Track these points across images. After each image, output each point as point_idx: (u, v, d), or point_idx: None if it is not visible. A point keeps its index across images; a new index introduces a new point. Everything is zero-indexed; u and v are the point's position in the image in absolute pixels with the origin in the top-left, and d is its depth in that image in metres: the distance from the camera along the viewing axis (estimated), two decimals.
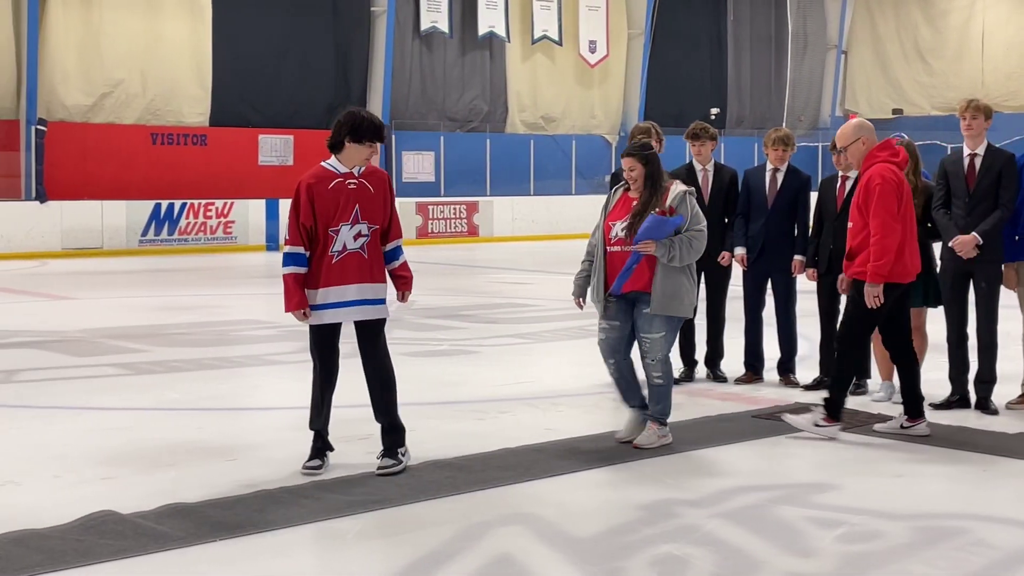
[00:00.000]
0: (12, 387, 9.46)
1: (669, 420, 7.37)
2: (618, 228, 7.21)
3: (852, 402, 8.61)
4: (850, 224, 7.66)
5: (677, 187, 7.19)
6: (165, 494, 6.09)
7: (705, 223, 7.23)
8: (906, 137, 8.87)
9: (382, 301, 6.70)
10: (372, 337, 6.72)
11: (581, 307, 7.51)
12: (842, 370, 7.69)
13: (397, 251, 6.84)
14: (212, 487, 6.27)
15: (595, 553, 5.30)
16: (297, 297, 6.52)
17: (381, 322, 6.73)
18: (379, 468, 6.57)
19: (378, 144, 6.69)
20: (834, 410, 7.60)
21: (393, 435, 6.72)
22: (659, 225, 7.04)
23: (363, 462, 6.71)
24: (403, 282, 6.87)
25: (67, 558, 5.12)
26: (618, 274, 7.18)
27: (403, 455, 6.69)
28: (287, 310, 6.62)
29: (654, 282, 7.08)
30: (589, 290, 7.38)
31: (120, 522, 5.59)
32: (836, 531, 5.62)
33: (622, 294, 7.19)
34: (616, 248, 7.21)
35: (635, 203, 7.19)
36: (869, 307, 7.38)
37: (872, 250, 7.35)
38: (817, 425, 7.60)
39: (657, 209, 7.09)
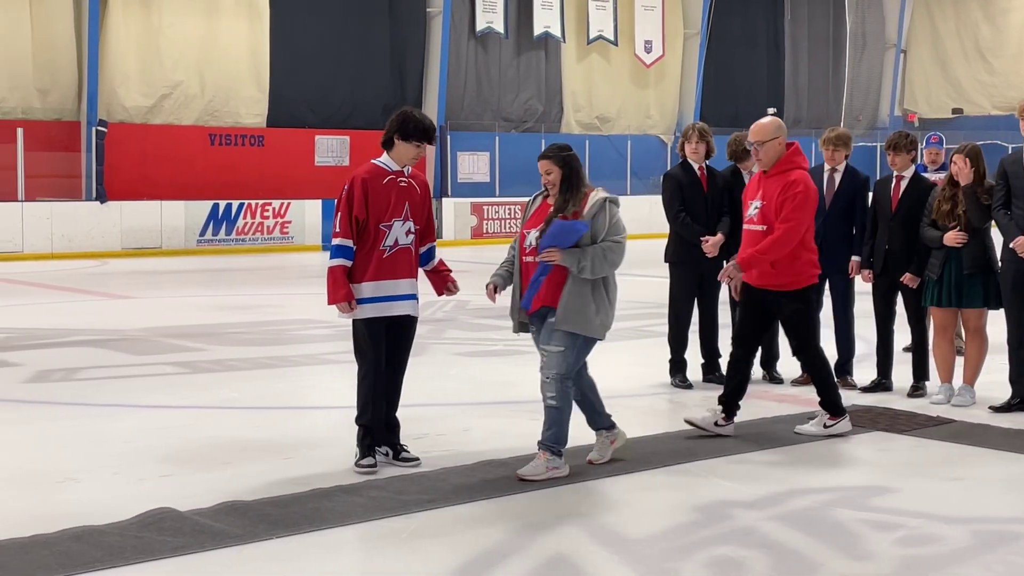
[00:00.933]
0: (72, 385, 9.58)
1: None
2: (532, 236, 6.62)
3: (911, 405, 8.55)
4: (762, 228, 7.54)
5: (598, 194, 6.64)
6: (222, 492, 6.15)
7: (625, 234, 6.59)
8: (944, 137, 8.78)
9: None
10: (411, 333, 6.88)
11: (493, 300, 6.76)
12: (816, 370, 7.70)
13: (433, 251, 6.99)
14: (268, 485, 6.32)
15: (650, 554, 5.29)
16: (345, 289, 6.58)
17: (417, 319, 6.90)
18: (412, 463, 6.74)
19: (425, 145, 6.75)
20: (835, 408, 7.65)
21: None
22: (562, 231, 6.44)
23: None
24: (447, 275, 6.98)
25: (126, 554, 5.18)
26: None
27: None
28: (332, 302, 6.65)
29: (561, 294, 6.47)
30: (511, 302, 6.81)
31: (178, 519, 5.65)
32: (894, 534, 5.57)
33: (535, 313, 6.60)
34: (530, 258, 6.62)
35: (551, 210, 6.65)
36: (720, 282, 7.78)
37: (765, 245, 7.43)
38: (827, 427, 7.61)
39: (561, 214, 6.56)
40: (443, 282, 6.98)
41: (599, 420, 6.93)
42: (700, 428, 7.54)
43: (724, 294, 9.47)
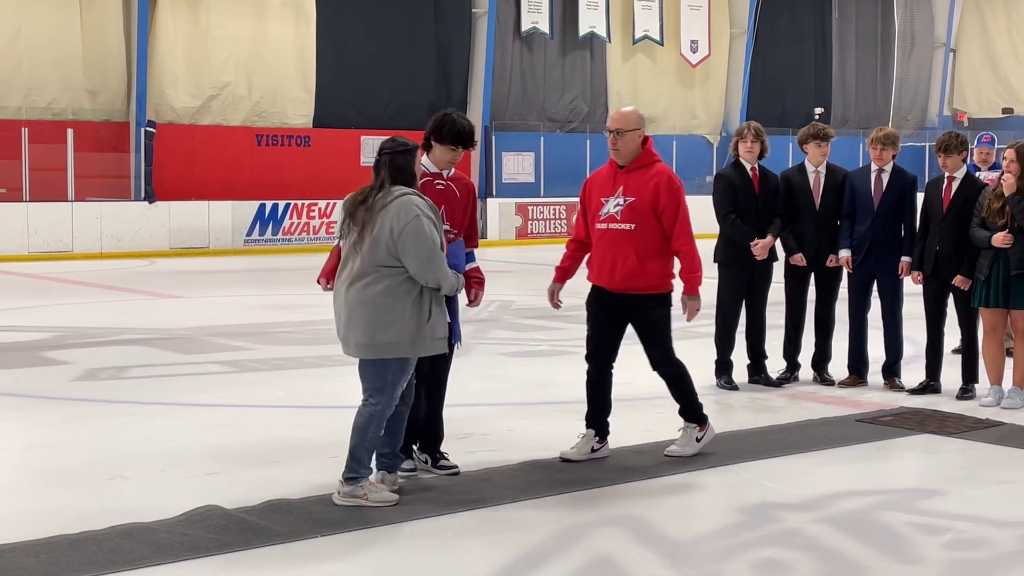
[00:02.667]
0: (121, 383, 9.66)
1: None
2: None
3: (960, 407, 8.46)
4: (630, 227, 6.88)
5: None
6: (268, 490, 6.18)
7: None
8: (996, 137, 8.68)
9: None
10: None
11: None
12: (680, 381, 7.09)
13: (470, 256, 6.76)
14: (314, 484, 6.34)
15: (694, 556, 5.27)
16: None
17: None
18: (450, 470, 6.60)
19: (461, 149, 6.56)
20: (700, 418, 7.10)
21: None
22: None
23: (463, 461, 6.73)
24: (477, 282, 6.71)
25: (173, 551, 5.22)
26: None
27: None
28: None
29: None
30: None
31: (224, 517, 5.69)
32: (942, 538, 5.52)
33: None
34: None
35: None
36: (689, 321, 7.04)
37: (689, 262, 6.94)
38: (699, 439, 7.06)
39: None
40: (471, 287, 6.72)
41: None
42: (576, 460, 6.93)
43: (772, 296, 9.44)
